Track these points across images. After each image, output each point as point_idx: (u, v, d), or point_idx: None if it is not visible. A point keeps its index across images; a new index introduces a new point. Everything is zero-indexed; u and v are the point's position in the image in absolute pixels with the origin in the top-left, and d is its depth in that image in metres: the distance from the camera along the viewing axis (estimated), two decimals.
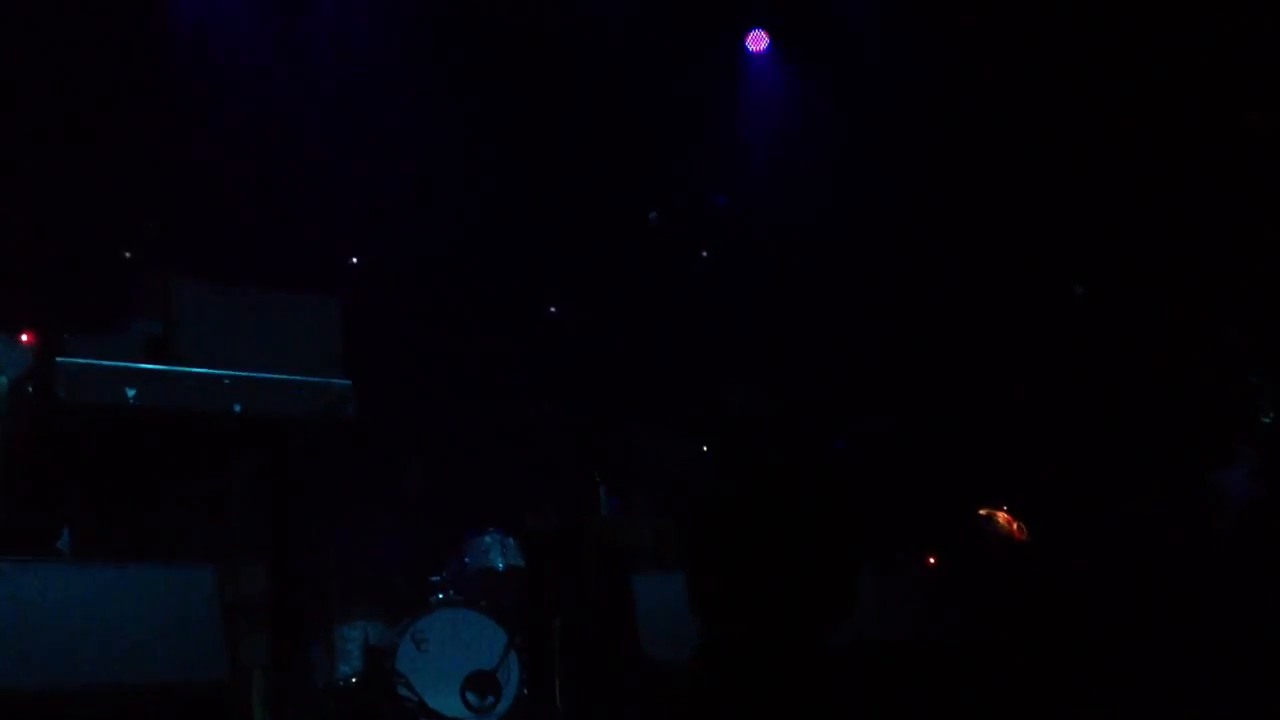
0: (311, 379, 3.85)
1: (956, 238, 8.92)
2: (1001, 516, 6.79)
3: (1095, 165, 8.63)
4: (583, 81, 8.77)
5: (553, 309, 9.25)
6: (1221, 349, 6.35)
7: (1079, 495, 7.62)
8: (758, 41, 9.09)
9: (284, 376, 3.79)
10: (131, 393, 3.54)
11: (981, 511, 7.77)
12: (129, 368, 3.58)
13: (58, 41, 7.69)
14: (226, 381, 3.69)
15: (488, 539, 6.80)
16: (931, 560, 6.45)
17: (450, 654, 6.12)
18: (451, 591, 6.67)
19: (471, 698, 6.14)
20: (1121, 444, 7.56)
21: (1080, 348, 8.21)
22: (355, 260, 8.54)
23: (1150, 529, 6.77)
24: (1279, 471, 5.89)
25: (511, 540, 6.76)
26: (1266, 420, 6.13)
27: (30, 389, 3.61)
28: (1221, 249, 8.15)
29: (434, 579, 6.82)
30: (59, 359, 3.51)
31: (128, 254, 8.14)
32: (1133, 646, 5.56)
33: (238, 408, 3.70)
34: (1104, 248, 8.33)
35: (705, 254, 8.19)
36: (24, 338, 3.92)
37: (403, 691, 4.29)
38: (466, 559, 6.75)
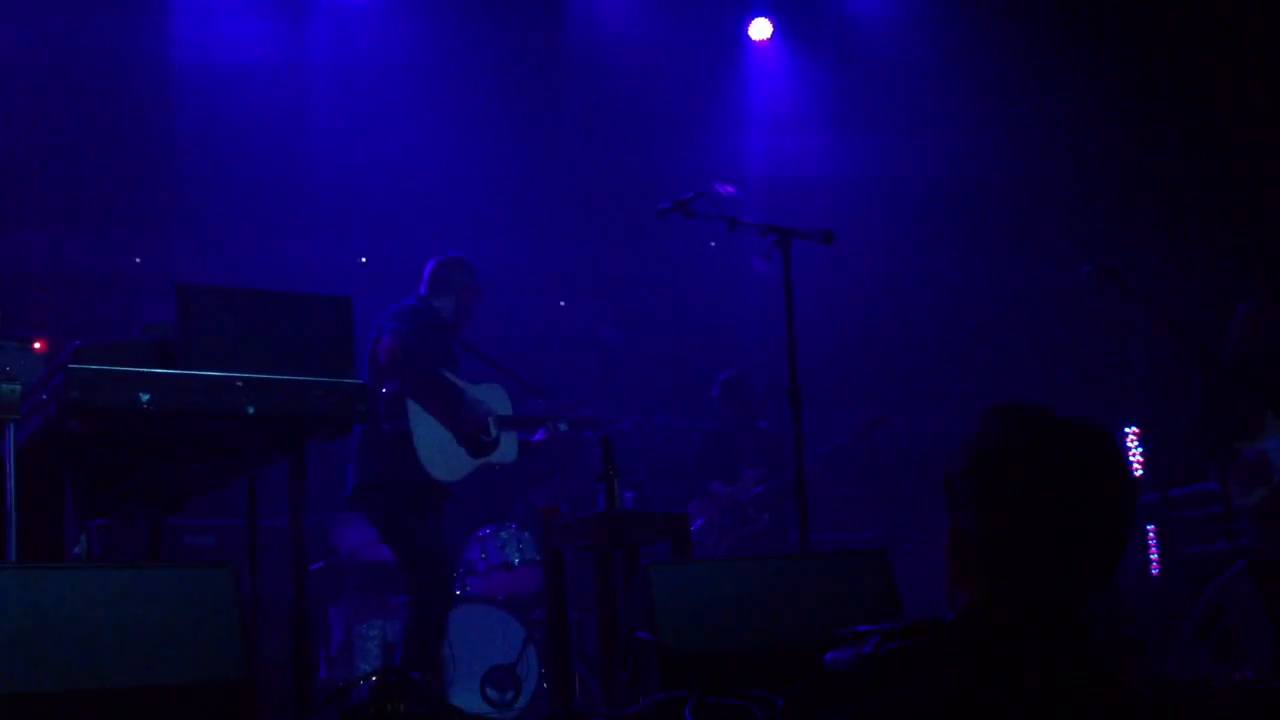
0: (324, 379, 3.85)
1: (964, 228, 8.90)
2: None
3: (1105, 148, 8.61)
4: (583, 72, 8.76)
5: (562, 303, 9.28)
6: (1240, 323, 6.33)
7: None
8: (761, 30, 9.03)
9: (297, 377, 3.80)
10: (145, 397, 3.56)
11: None
12: (142, 372, 3.59)
13: (69, 57, 7.72)
14: (239, 384, 3.70)
15: (504, 534, 6.81)
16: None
17: (469, 650, 6.14)
18: (469, 587, 6.69)
19: (491, 693, 6.16)
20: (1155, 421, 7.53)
21: (1100, 330, 8.19)
22: (364, 260, 8.56)
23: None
24: None
25: (527, 535, 6.77)
26: None
27: (44, 396, 3.63)
28: (1237, 224, 8.13)
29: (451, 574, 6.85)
30: (72, 365, 3.53)
31: (138, 260, 8.19)
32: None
33: (251, 409, 3.71)
34: (1116, 230, 8.31)
35: (713, 244, 8.20)
36: (36, 345, 3.94)
37: (421, 687, 4.30)
38: (483, 554, 6.77)
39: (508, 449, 5.89)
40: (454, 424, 5.66)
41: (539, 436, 6.15)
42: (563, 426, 6.17)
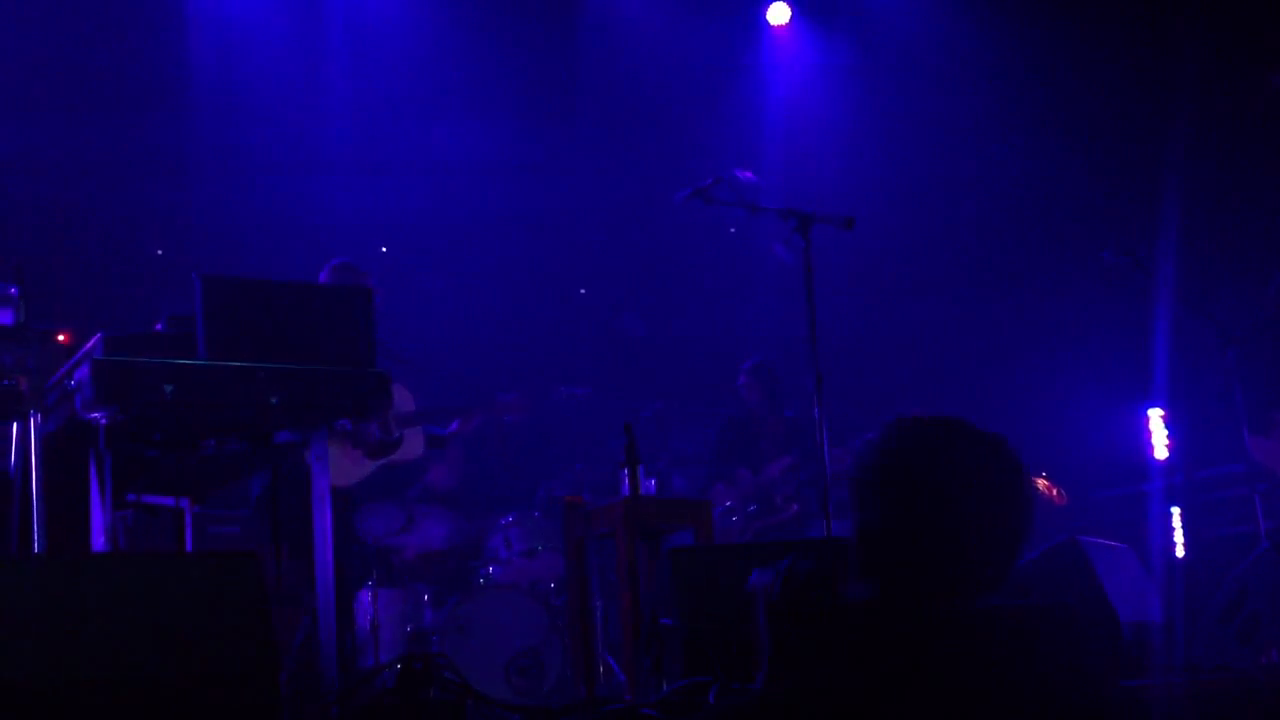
0: (346, 369, 3.87)
1: (985, 210, 8.86)
2: (1040, 483, 6.77)
3: (1125, 128, 8.55)
4: (600, 57, 8.73)
5: (583, 291, 9.28)
6: (1275, 295, 6.27)
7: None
8: (779, 15, 8.98)
9: (319, 367, 3.82)
10: (169, 388, 3.58)
11: None
12: (166, 364, 3.61)
13: (89, 55, 7.75)
14: (262, 374, 3.72)
15: (526, 522, 6.83)
16: None
17: (493, 635, 6.16)
18: (493, 573, 6.72)
19: (516, 679, 6.18)
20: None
21: (1122, 312, 8.14)
22: (384, 250, 8.58)
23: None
24: None
25: (550, 522, 6.79)
26: None
27: (69, 386, 3.65)
28: (1259, 204, 8.07)
29: (474, 562, 6.87)
30: (96, 357, 3.55)
31: (159, 252, 8.23)
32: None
33: (274, 400, 3.73)
34: (1136, 211, 8.26)
35: (733, 230, 8.18)
36: (60, 337, 3.96)
37: (446, 674, 4.32)
38: (506, 542, 6.79)
39: (412, 445, 5.89)
40: (339, 439, 5.59)
41: (452, 428, 6.16)
42: (476, 415, 6.22)
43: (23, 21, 7.53)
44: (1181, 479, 7.04)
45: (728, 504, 7.34)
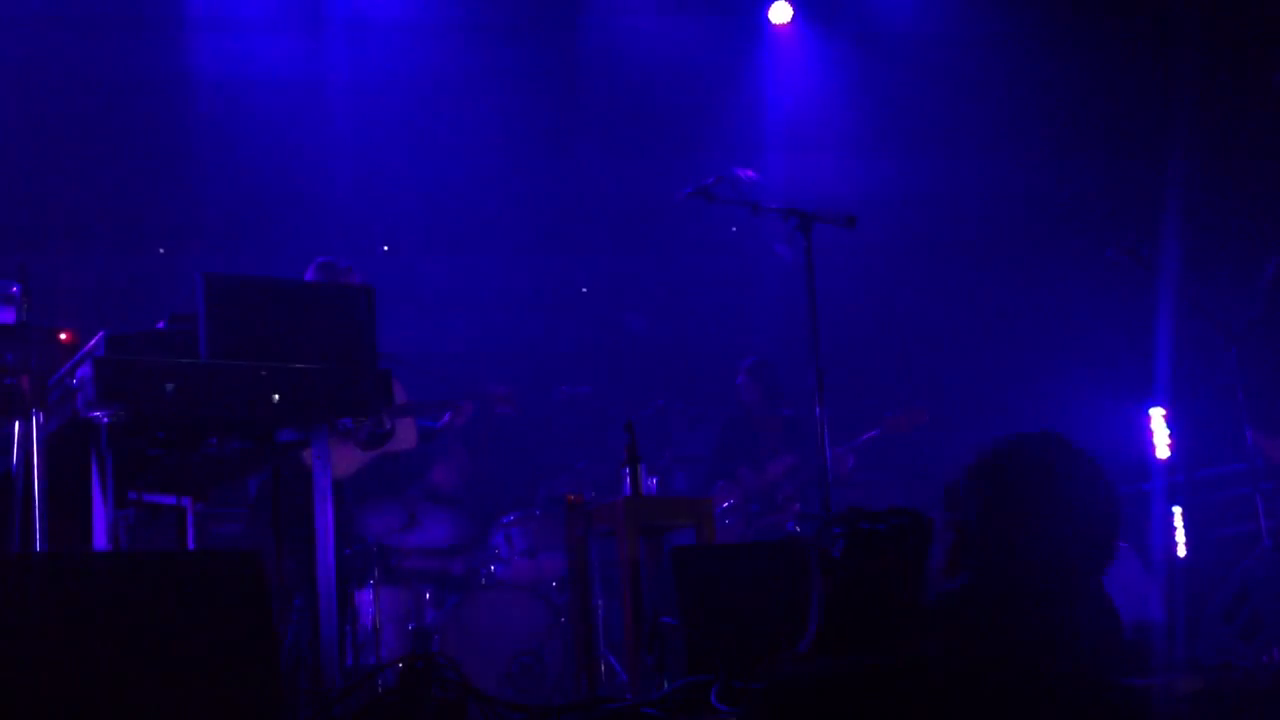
0: (348, 367, 3.87)
1: (987, 209, 8.85)
2: None
3: (1128, 126, 8.54)
4: (602, 57, 8.73)
5: (584, 290, 9.28)
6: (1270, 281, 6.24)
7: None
8: (781, 14, 8.98)
9: (321, 366, 3.82)
10: (171, 387, 3.58)
11: None
12: (168, 362, 3.61)
13: (91, 54, 7.76)
14: (264, 373, 3.72)
15: (528, 520, 6.84)
16: None
17: (495, 634, 6.17)
18: (495, 572, 6.72)
19: (517, 677, 6.18)
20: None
21: (1124, 310, 8.14)
22: (386, 249, 8.59)
23: None
24: None
25: (551, 521, 6.79)
26: None
27: (71, 385, 3.65)
28: (1260, 201, 8.07)
29: (476, 561, 6.88)
30: (98, 356, 3.55)
31: (161, 250, 8.24)
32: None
33: (276, 398, 3.73)
34: (1143, 211, 8.25)
35: (734, 229, 8.18)
36: (62, 335, 3.97)
37: (448, 672, 4.33)
38: (507, 540, 6.80)
39: (405, 436, 5.95)
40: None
41: (444, 420, 6.20)
42: (468, 407, 6.28)
43: (24, 21, 7.54)
44: (1183, 478, 7.03)
45: (729, 503, 7.34)
